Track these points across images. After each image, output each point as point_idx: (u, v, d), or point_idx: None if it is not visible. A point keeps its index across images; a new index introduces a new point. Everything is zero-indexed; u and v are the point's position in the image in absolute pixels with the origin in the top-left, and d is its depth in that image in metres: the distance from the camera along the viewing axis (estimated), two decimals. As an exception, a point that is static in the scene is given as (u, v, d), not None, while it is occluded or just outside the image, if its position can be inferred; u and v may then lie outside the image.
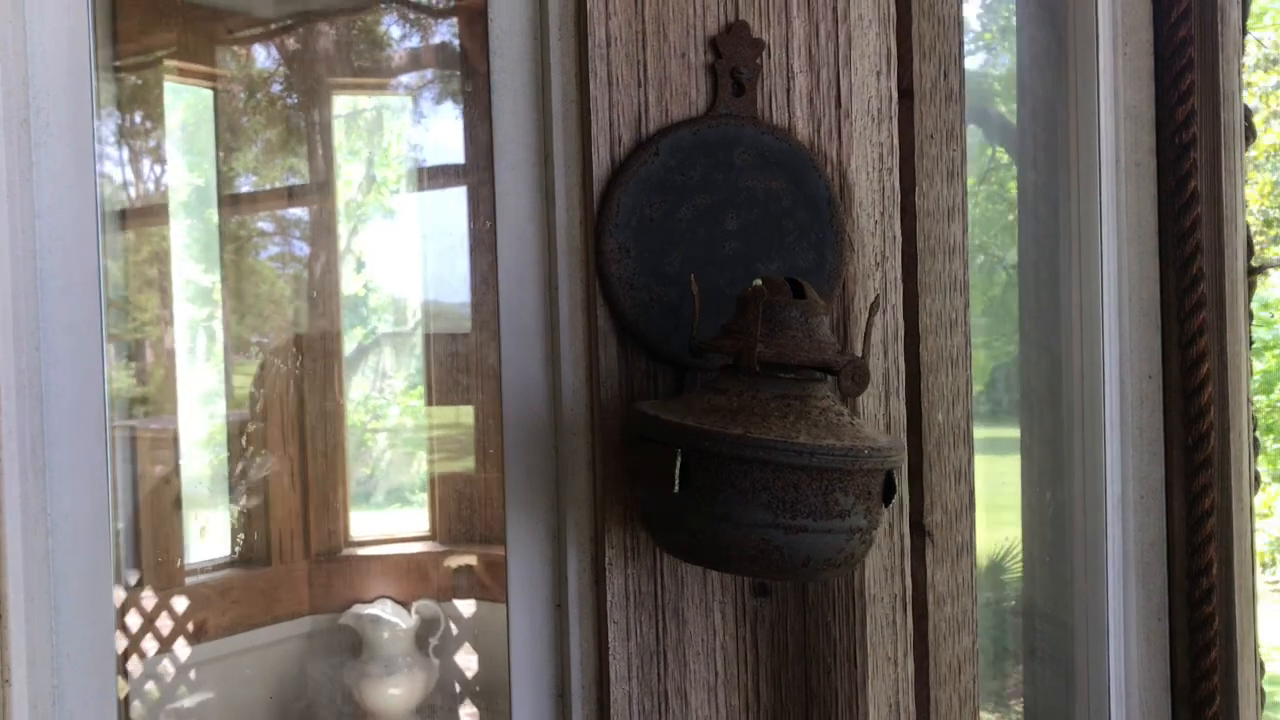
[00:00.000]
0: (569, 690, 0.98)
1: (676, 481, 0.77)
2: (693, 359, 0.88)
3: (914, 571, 1.09)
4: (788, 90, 0.97)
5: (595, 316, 0.95)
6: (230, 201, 4.35)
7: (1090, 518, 1.79)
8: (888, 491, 0.81)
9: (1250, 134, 1.98)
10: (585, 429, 0.97)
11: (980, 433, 2.13)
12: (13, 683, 0.86)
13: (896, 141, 1.05)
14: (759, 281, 0.78)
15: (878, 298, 0.82)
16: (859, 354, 0.81)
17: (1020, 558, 2.01)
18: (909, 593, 1.05)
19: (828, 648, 0.99)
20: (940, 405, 1.12)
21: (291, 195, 4.46)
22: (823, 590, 0.99)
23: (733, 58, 0.95)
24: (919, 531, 1.10)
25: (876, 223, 1.02)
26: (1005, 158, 2.14)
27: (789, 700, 0.99)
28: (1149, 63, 1.75)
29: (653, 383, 0.95)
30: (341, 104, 4.44)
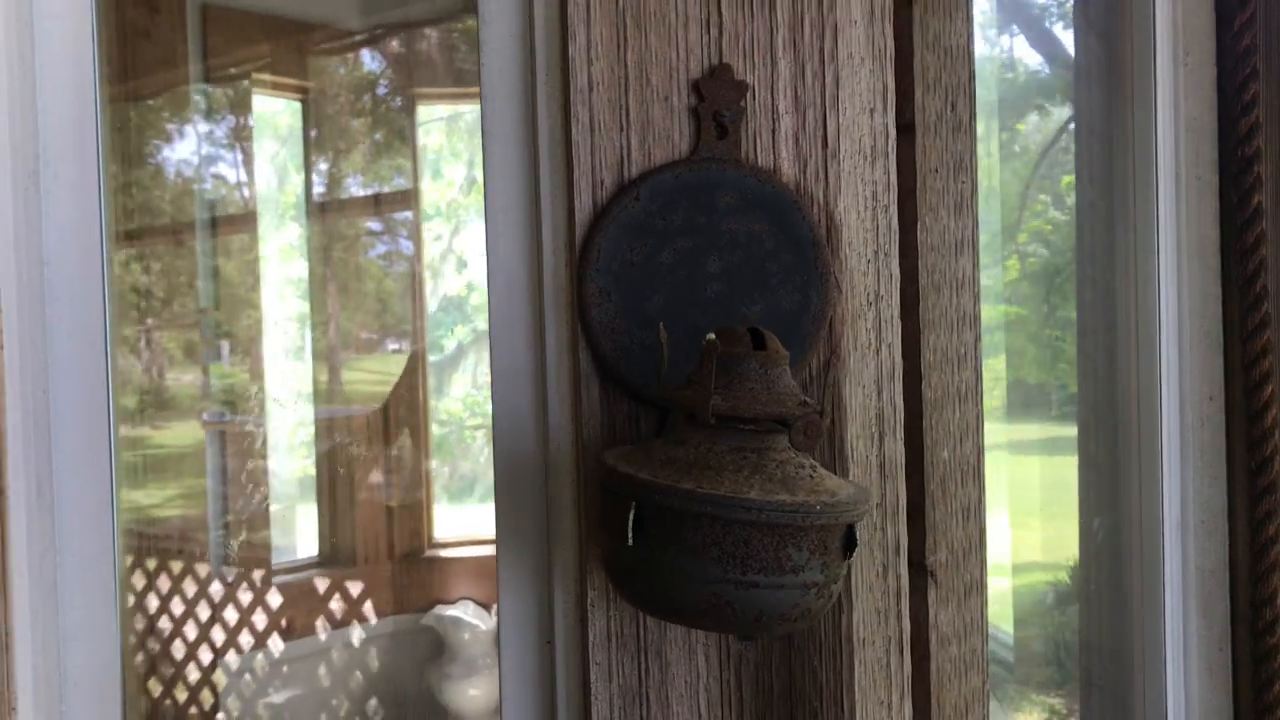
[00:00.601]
0: (556, 726, 1.00)
1: (630, 534, 0.78)
2: (661, 405, 0.89)
3: (915, 612, 1.08)
4: (773, 132, 0.97)
5: (578, 359, 0.95)
6: (320, 208, 4.48)
7: (1148, 545, 1.74)
8: (849, 544, 0.80)
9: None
10: (571, 469, 0.98)
11: (1050, 431, 2.07)
12: (19, 710, 0.91)
13: (894, 178, 1.03)
14: (712, 335, 0.78)
15: (830, 358, 0.81)
16: (821, 403, 0.81)
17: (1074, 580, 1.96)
18: (906, 634, 1.04)
19: (814, 691, 0.98)
20: (945, 442, 1.10)
21: (379, 202, 4.56)
22: (809, 634, 0.98)
23: (716, 100, 0.95)
24: (920, 571, 1.08)
25: (869, 262, 1.01)
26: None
27: (774, 743, 0.98)
28: (1211, 73, 1.70)
29: (635, 425, 0.96)
30: (426, 111, 4.53)
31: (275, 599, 4.13)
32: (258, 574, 4.03)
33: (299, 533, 4.54)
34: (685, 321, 0.93)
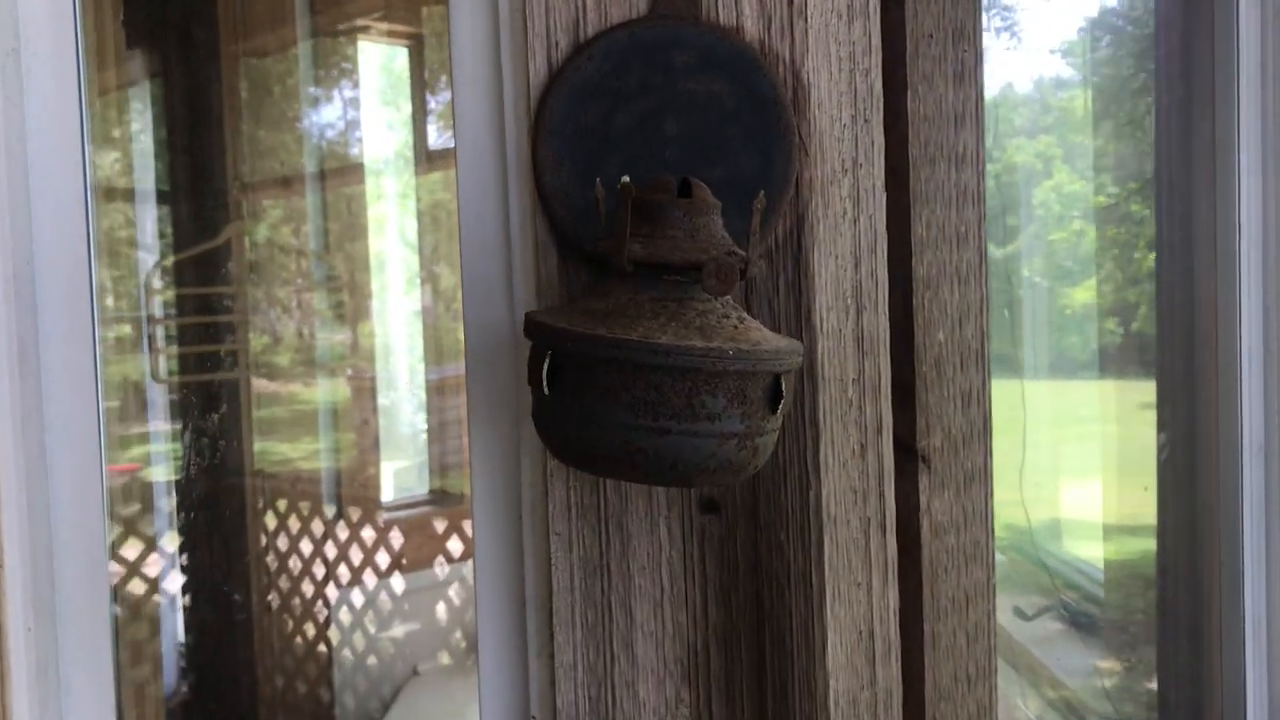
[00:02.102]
0: (526, 599, 1.00)
1: (545, 383, 0.77)
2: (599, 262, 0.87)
3: (904, 496, 1.04)
4: (734, -12, 0.93)
5: (536, 228, 0.95)
6: (429, 156, 4.55)
7: (1225, 466, 1.64)
8: (774, 397, 0.77)
9: None
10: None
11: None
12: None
13: (876, 40, 0.98)
14: (626, 179, 0.76)
15: (761, 196, 0.78)
16: (746, 253, 0.78)
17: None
18: (889, 516, 1.00)
19: (781, 568, 0.96)
20: (941, 323, 1.05)
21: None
22: (775, 509, 0.96)
23: (673, -44, 0.92)
24: (909, 454, 1.04)
25: (845, 127, 0.97)
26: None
27: (739, 619, 0.96)
28: (1300, -46, 1.57)
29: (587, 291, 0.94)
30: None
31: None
32: (367, 511, 4.16)
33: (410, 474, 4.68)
34: (641, 183, 0.91)
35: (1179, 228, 1.74)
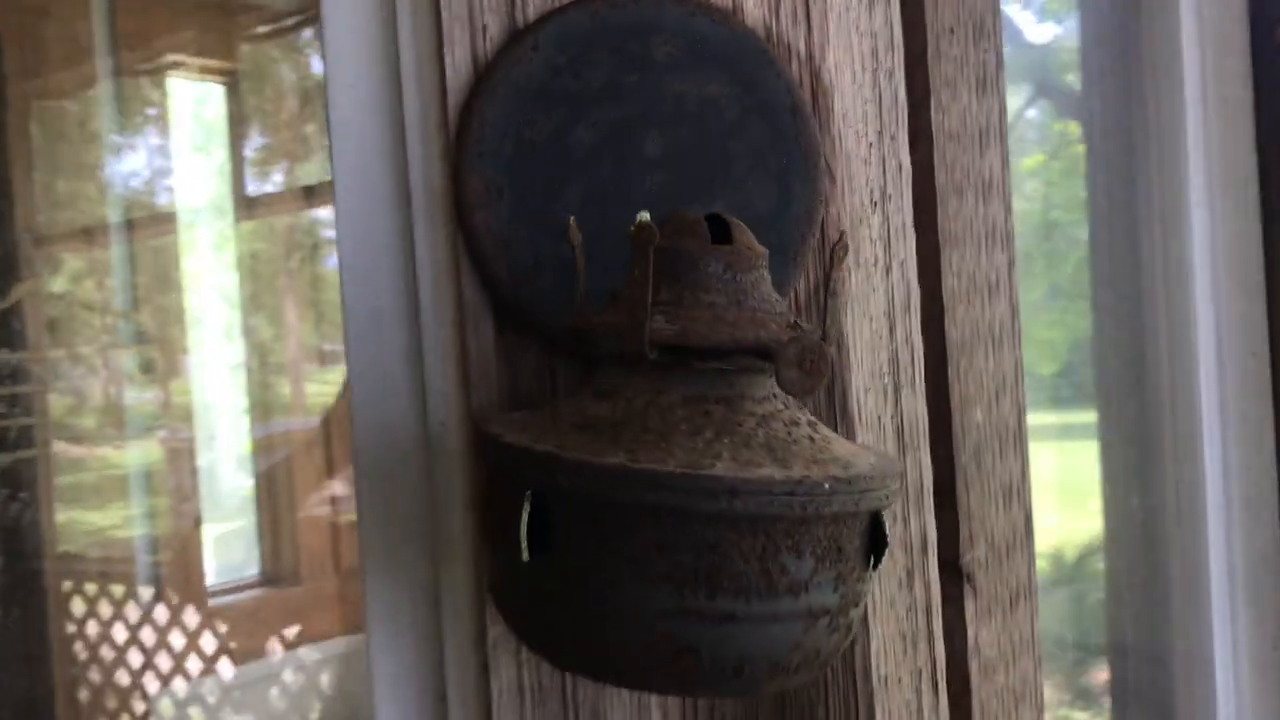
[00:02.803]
0: (454, 820, 0.69)
1: (525, 544, 0.48)
2: (578, 345, 0.58)
3: (948, 632, 0.79)
4: (731, -48, 0.67)
5: (461, 287, 0.66)
6: (248, 203, 4.14)
7: (1188, 527, 1.46)
8: (874, 545, 0.51)
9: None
10: (461, 453, 0.68)
11: (1052, 418, 1.80)
12: None
13: (899, 34, 0.74)
14: (644, 216, 0.49)
15: (842, 236, 0.51)
16: (823, 326, 0.51)
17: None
18: (941, 665, 0.75)
19: (819, 755, 0.69)
20: (978, 399, 0.81)
21: (310, 195, 4.21)
22: (808, 673, 0.69)
23: (647, -93, 0.65)
24: (954, 575, 0.79)
25: (871, 146, 0.72)
26: (1076, 130, 1.80)
27: (765, 832, 0.69)
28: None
29: (549, 382, 0.66)
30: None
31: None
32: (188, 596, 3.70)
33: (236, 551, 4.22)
34: (614, 228, 0.64)
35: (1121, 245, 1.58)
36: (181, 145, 4.04)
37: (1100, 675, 1.74)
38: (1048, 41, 1.92)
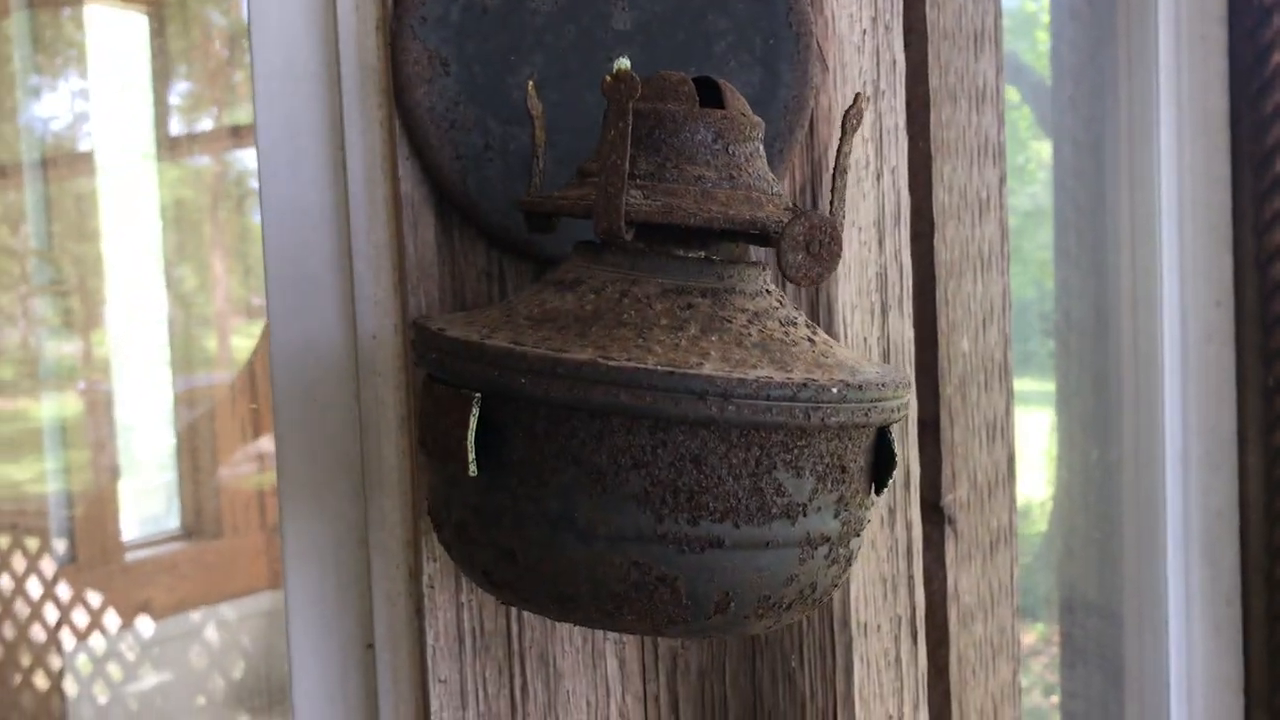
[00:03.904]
0: (382, 781, 0.61)
1: (472, 455, 0.40)
2: (532, 232, 0.50)
3: (928, 577, 0.72)
4: None
5: (398, 178, 0.57)
6: (171, 143, 3.96)
7: (1144, 481, 1.43)
8: (880, 465, 0.43)
9: (1342, 0, 1.59)
10: (394, 367, 0.59)
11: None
12: None
13: (894, -92, 0.66)
14: (624, 63, 0.40)
15: (857, 99, 0.44)
16: (832, 206, 0.43)
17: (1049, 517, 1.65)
18: (920, 611, 0.68)
19: (792, 709, 0.62)
20: (965, 326, 0.74)
21: (239, 135, 4.04)
22: (782, 619, 0.62)
23: None
24: (935, 516, 0.72)
25: (865, 32, 0.64)
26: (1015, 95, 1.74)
27: (730, 794, 0.62)
28: (1218, -96, 1.38)
29: (498, 286, 0.58)
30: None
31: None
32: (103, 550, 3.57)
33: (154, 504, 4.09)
34: (575, 109, 0.55)
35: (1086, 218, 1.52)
36: (100, 81, 3.84)
37: (1028, 638, 1.71)
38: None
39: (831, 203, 0.43)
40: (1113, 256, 1.46)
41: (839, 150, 0.42)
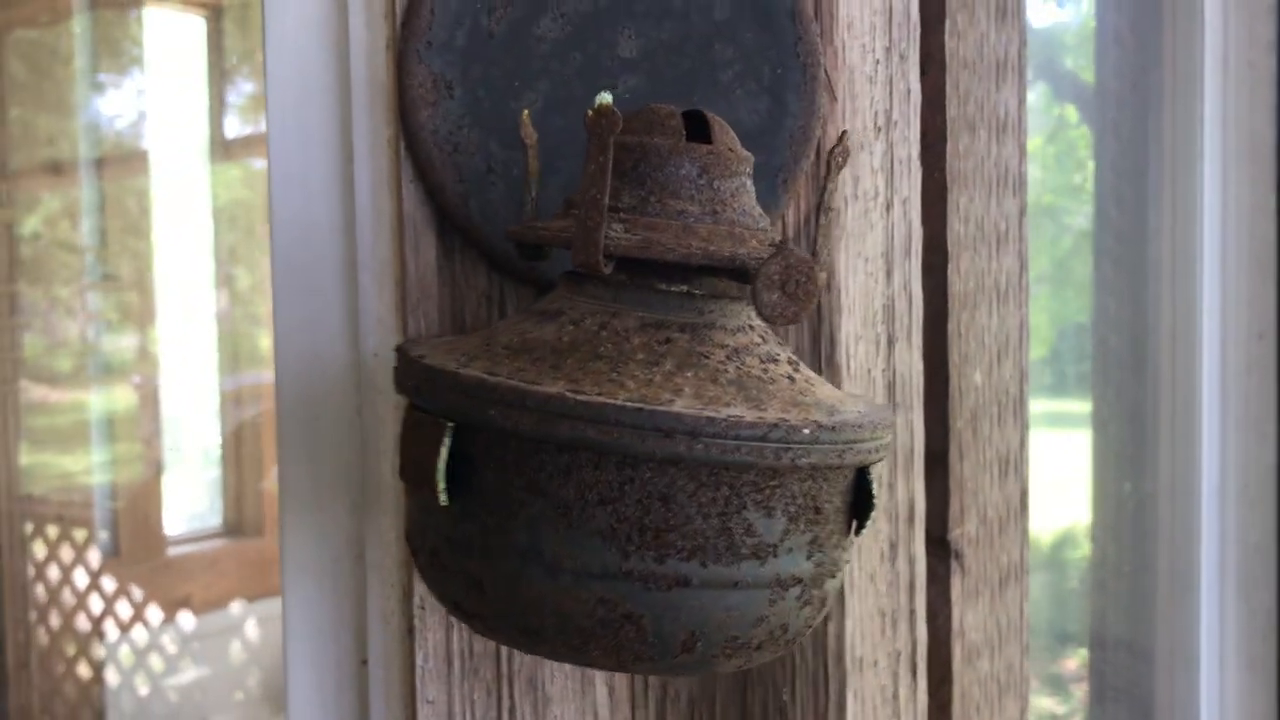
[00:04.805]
0: (371, 797, 0.62)
1: (442, 484, 0.40)
2: (525, 259, 0.50)
3: (932, 612, 0.71)
4: None
5: (401, 199, 0.57)
6: (225, 148, 4.02)
7: (1180, 515, 1.40)
8: (859, 507, 0.43)
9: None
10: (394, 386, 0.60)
11: (1042, 406, 1.74)
12: None
13: (914, -62, 0.66)
14: (606, 98, 0.40)
15: (843, 137, 0.43)
16: (814, 248, 0.43)
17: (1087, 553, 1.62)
18: (922, 648, 0.67)
19: (782, 743, 0.61)
20: (978, 359, 0.73)
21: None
22: (775, 652, 0.61)
23: None
24: (941, 551, 0.71)
25: (878, 62, 0.63)
26: (1074, 114, 1.71)
27: (717, 826, 0.61)
28: (1269, -70, 1.35)
29: (498, 309, 0.58)
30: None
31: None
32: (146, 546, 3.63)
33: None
34: (579, 135, 0.56)
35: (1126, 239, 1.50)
36: (158, 81, 3.91)
37: (1070, 664, 1.68)
38: (1049, 25, 1.84)
39: (815, 241, 0.42)
40: (1153, 285, 1.43)
41: (823, 188, 0.42)
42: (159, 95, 3.98)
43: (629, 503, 0.38)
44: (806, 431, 0.38)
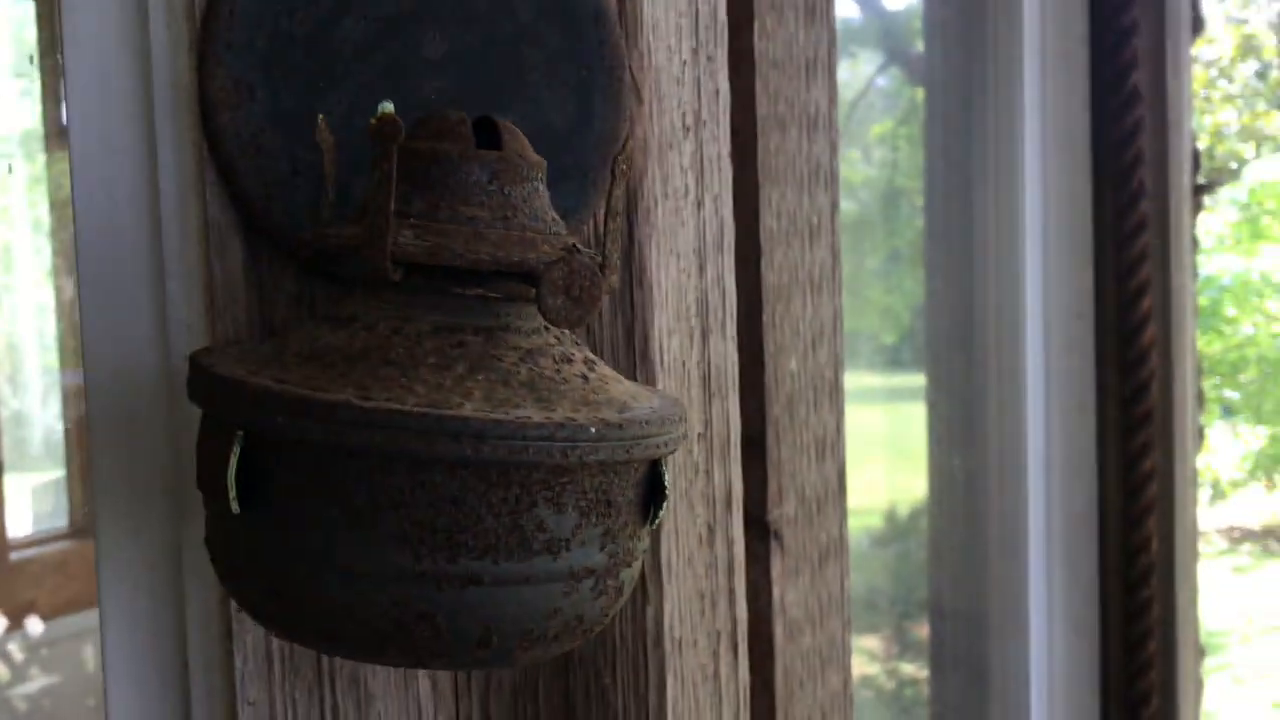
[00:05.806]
0: (195, 803, 0.61)
1: (233, 492, 0.40)
2: (323, 266, 0.50)
3: (753, 592, 0.74)
4: None
5: (206, 204, 0.57)
6: (60, 134, 3.83)
7: (1008, 487, 1.47)
8: (652, 497, 0.45)
9: (1199, 24, 1.65)
10: (207, 389, 0.59)
11: (894, 381, 1.80)
12: None
13: (720, -57, 0.68)
14: (388, 107, 0.41)
15: (626, 142, 0.45)
16: (603, 252, 0.44)
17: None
18: (743, 626, 0.70)
19: (605, 726, 0.63)
20: (793, 348, 0.76)
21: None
22: (595, 639, 0.63)
23: None
24: (760, 531, 0.74)
25: (685, 64, 0.65)
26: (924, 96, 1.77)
27: (544, 810, 0.63)
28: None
29: (308, 311, 0.58)
30: None
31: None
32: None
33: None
34: (386, 138, 0.56)
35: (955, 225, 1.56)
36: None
37: (926, 630, 1.75)
38: (900, 9, 1.89)
39: (604, 245, 0.44)
40: (979, 267, 1.50)
41: (609, 193, 0.44)
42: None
43: (420, 506, 0.39)
44: (594, 430, 0.40)
